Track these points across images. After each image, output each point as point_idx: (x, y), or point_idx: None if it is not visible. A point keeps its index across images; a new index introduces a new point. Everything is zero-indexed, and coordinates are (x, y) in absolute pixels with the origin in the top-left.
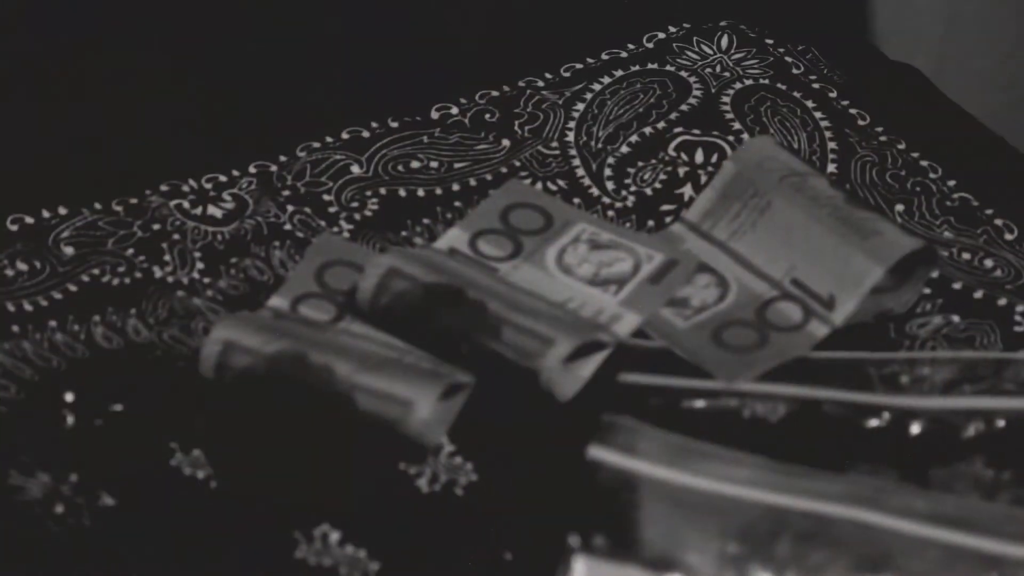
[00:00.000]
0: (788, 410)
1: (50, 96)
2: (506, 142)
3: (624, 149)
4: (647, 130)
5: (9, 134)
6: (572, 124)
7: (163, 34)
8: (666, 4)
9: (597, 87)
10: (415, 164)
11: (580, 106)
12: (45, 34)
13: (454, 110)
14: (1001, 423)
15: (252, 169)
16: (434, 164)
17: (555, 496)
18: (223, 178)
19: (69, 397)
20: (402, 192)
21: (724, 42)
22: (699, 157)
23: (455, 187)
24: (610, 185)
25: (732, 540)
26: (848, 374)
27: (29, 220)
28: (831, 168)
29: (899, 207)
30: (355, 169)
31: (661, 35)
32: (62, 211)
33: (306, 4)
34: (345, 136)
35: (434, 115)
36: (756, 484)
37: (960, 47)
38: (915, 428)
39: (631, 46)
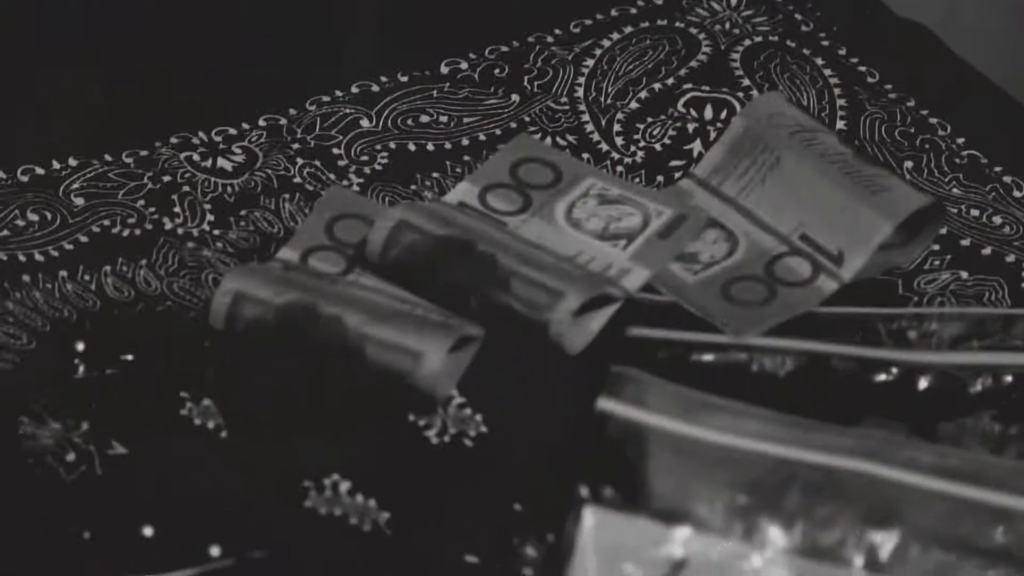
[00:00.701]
0: (796, 364)
1: (60, 49)
2: (516, 97)
3: (633, 105)
4: (656, 86)
5: (20, 87)
6: (581, 80)
7: None
8: None
9: (607, 43)
10: (424, 118)
11: (589, 62)
12: None
13: (463, 65)
14: (1008, 378)
15: (262, 122)
16: (443, 119)
17: (564, 448)
18: (233, 131)
19: (80, 347)
20: (411, 146)
21: None
22: (708, 113)
23: (464, 141)
24: (619, 141)
25: (741, 492)
26: (856, 329)
27: (40, 171)
28: (840, 125)
29: (908, 164)
30: (364, 123)
31: None
32: (72, 163)
33: None
34: (355, 90)
35: (443, 70)
36: (765, 437)
37: (968, 3)
38: (923, 383)
39: (641, 2)
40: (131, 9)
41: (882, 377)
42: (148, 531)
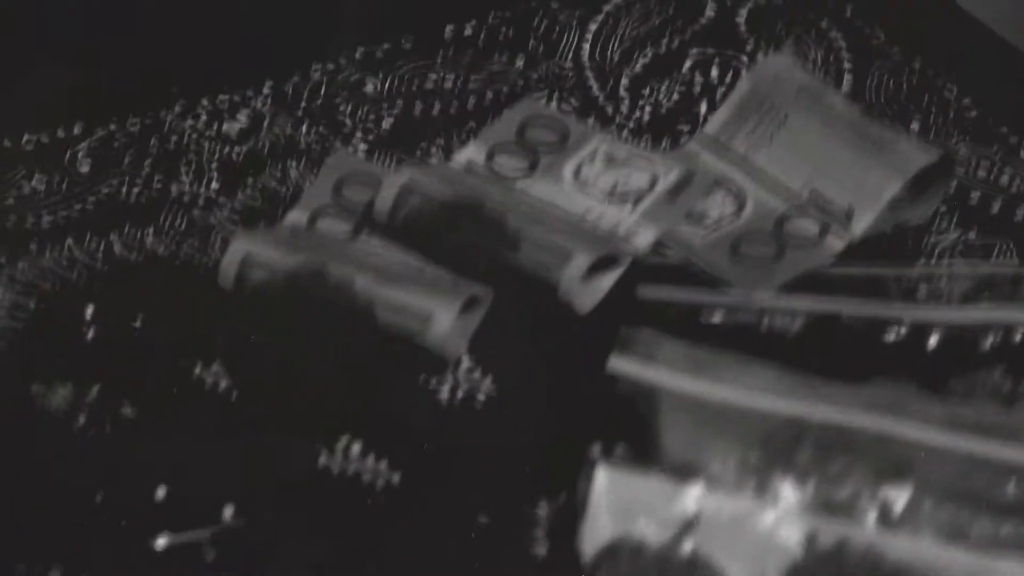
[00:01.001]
0: (806, 323)
1: (65, 14)
2: (520, 60)
3: (639, 67)
4: (662, 48)
5: (24, 53)
6: (587, 42)
7: None
8: None
9: (611, 5)
10: (430, 82)
11: (594, 24)
12: None
13: (468, 28)
14: (1018, 335)
15: (267, 87)
16: (448, 81)
17: (575, 407)
18: (238, 96)
19: (89, 310)
20: (417, 109)
21: None
22: (714, 74)
23: (470, 104)
24: (625, 102)
25: (753, 449)
26: (866, 287)
27: (44, 139)
28: (846, 86)
29: (915, 124)
30: (370, 87)
31: None
32: (77, 129)
33: None
34: (359, 54)
35: (448, 33)
36: (776, 394)
37: None
38: (933, 340)
39: None
40: None
41: (892, 334)
42: (161, 492)
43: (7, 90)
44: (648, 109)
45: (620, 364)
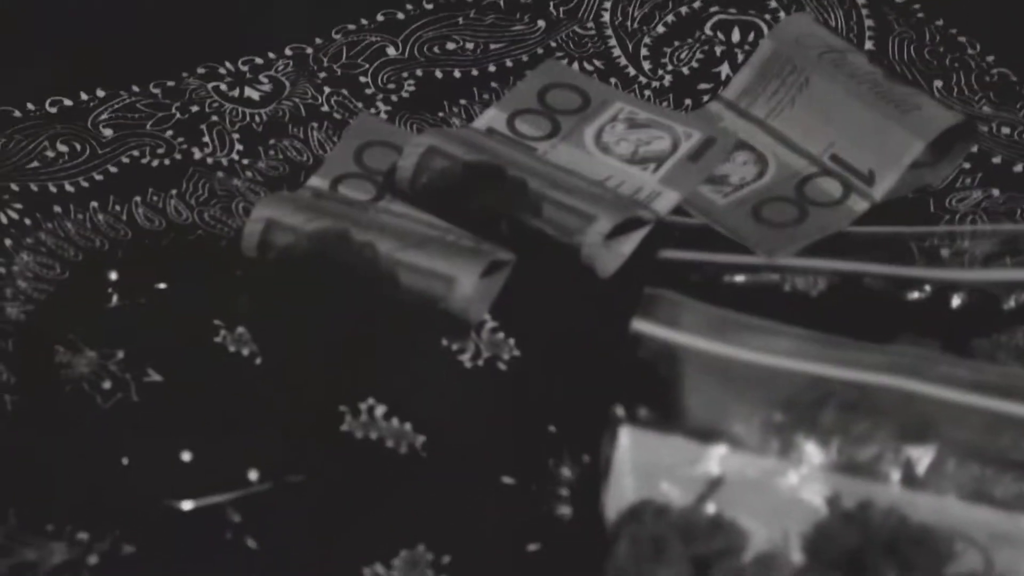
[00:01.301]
0: (828, 284)
1: None
2: (541, 23)
3: (660, 29)
4: (683, 9)
5: (45, 17)
6: (608, 4)
7: None
8: None
9: None
10: (451, 45)
11: None
12: None
13: None
14: None
15: (288, 52)
16: (469, 45)
17: (598, 370)
18: (259, 60)
19: (113, 276)
20: (438, 73)
21: None
22: (735, 36)
23: (491, 68)
24: (647, 65)
25: (776, 410)
26: (888, 248)
27: (68, 103)
28: (868, 46)
29: (937, 83)
30: (391, 51)
31: None
32: (100, 94)
33: None
34: (380, 18)
35: None
36: (799, 355)
37: None
38: (956, 300)
39: None
40: None
41: (915, 295)
42: (187, 456)
43: (30, 55)
44: (670, 71)
45: (643, 326)
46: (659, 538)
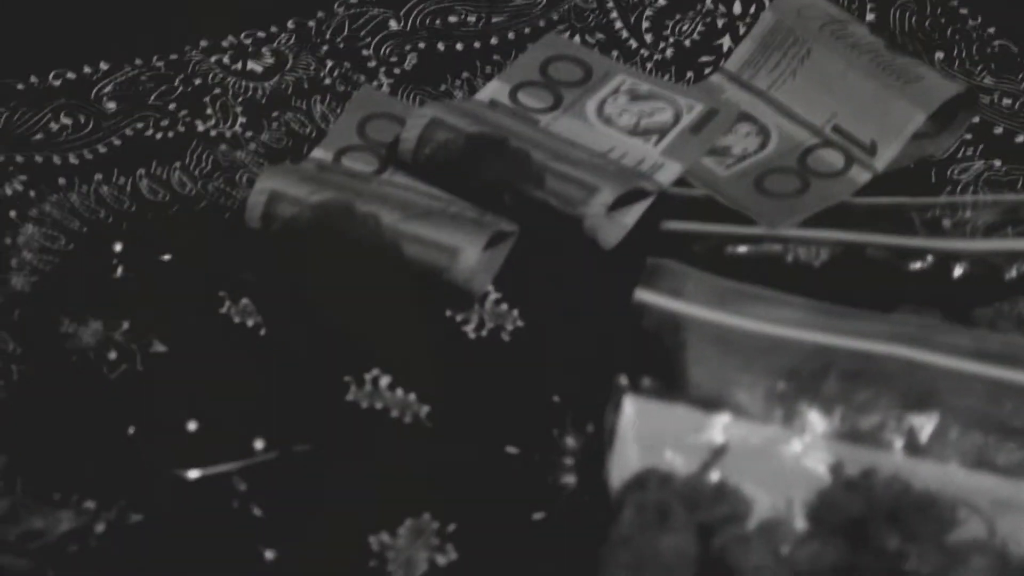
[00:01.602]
0: (831, 254)
1: None
2: None
3: (661, 1)
4: None
5: None
6: None
7: None
8: None
9: None
10: (453, 18)
11: None
12: None
13: None
14: None
15: (290, 24)
16: (472, 18)
17: (602, 340)
18: (262, 34)
19: (118, 247)
20: (441, 46)
21: None
22: (737, 8)
23: (493, 41)
24: (648, 37)
25: (780, 378)
26: (890, 218)
27: (71, 75)
28: (870, 17)
29: (939, 55)
30: (393, 24)
31: None
32: (103, 66)
33: None
34: None
35: None
36: (802, 324)
37: None
38: (958, 270)
39: None
40: None
41: (917, 265)
42: (192, 426)
43: (33, 28)
44: (671, 43)
45: (646, 296)
46: (663, 506)
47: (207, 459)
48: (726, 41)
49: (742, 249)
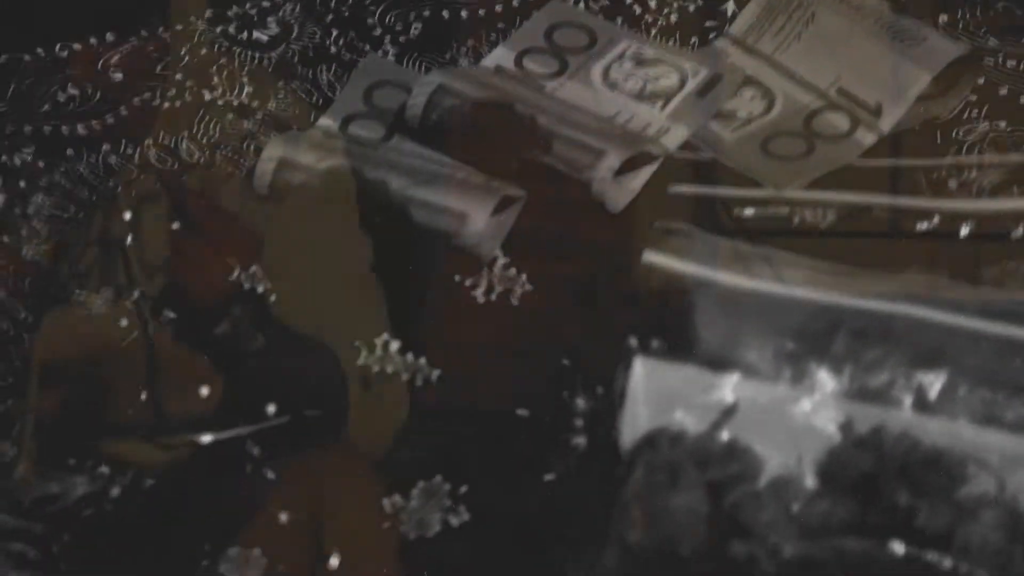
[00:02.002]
0: (837, 216)
1: None
2: None
3: None
4: None
5: None
6: None
7: None
8: None
9: None
10: None
11: None
12: None
13: None
14: None
15: None
16: None
17: (610, 303)
18: (266, 3)
19: (127, 216)
20: (445, 14)
21: None
22: None
23: (498, 8)
24: (652, 3)
25: (788, 338)
26: (896, 180)
27: (77, 47)
28: None
29: (943, 17)
30: None
31: None
32: (110, 37)
33: None
34: None
35: None
36: (810, 285)
37: None
38: (964, 230)
39: None
40: None
41: (923, 226)
42: (205, 391)
43: (39, 1)
44: (676, 8)
45: (655, 258)
46: (675, 464)
47: (220, 424)
48: (730, 6)
49: (749, 211)
